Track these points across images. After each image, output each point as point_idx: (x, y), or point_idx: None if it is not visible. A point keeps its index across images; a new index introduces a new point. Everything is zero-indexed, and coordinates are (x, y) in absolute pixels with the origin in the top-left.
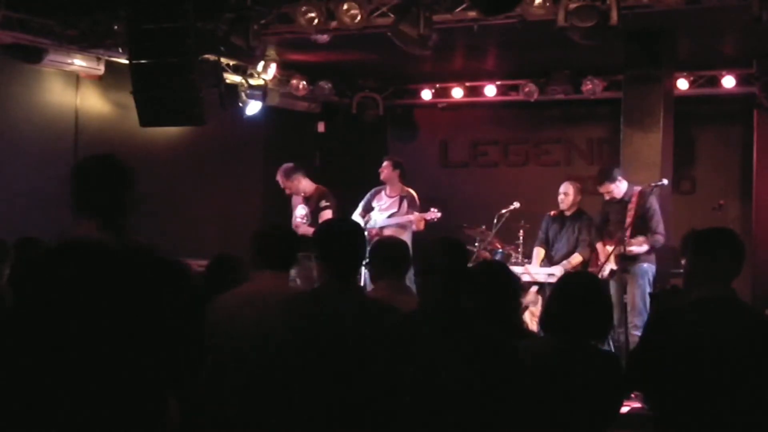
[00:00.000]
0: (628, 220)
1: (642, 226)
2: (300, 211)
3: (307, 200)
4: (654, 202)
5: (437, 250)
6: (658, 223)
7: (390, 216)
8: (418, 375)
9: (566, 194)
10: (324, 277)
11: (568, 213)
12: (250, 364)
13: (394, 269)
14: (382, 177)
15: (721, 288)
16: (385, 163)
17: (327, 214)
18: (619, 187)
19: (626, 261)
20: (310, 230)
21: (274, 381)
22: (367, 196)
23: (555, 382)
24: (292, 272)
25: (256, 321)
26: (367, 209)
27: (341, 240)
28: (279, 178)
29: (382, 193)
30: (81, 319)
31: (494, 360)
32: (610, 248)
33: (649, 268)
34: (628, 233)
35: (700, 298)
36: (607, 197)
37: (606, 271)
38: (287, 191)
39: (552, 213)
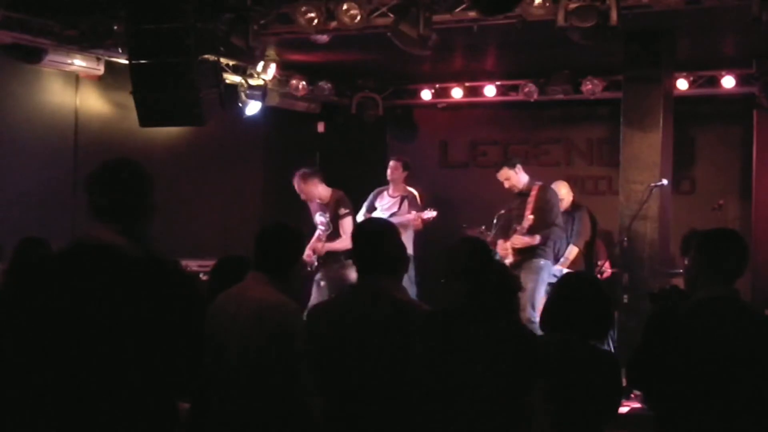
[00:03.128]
0: (527, 213)
1: (540, 221)
2: (319, 219)
3: (324, 207)
4: (553, 198)
5: (465, 252)
6: (557, 216)
7: (391, 216)
8: (444, 374)
9: (561, 200)
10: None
11: (564, 210)
12: (226, 363)
13: (391, 267)
14: (390, 177)
15: (725, 288)
16: (394, 164)
17: (348, 222)
18: (518, 177)
19: (522, 255)
20: (334, 246)
21: (253, 381)
22: (370, 196)
23: (554, 381)
24: (319, 275)
25: (231, 321)
26: (371, 210)
27: (371, 241)
28: (296, 182)
29: (385, 193)
30: (88, 320)
31: (522, 356)
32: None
33: (545, 264)
34: (526, 225)
35: (702, 298)
36: (506, 185)
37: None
38: (302, 196)
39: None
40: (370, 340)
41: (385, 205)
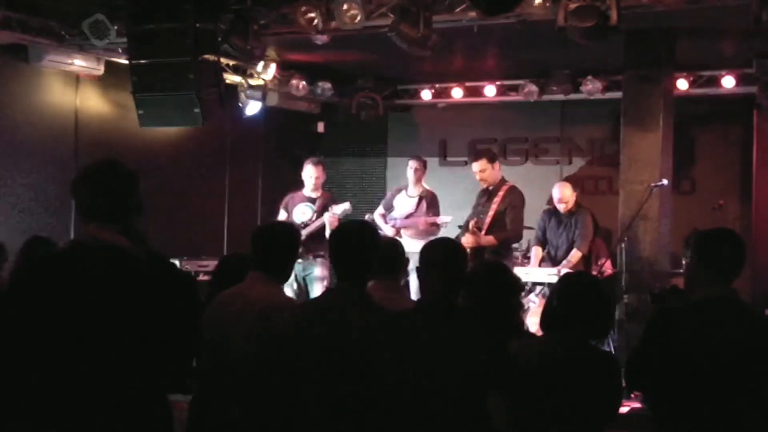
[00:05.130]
0: (490, 213)
1: (501, 221)
2: (302, 209)
3: (311, 200)
4: (519, 200)
5: (436, 250)
6: (514, 221)
7: (407, 216)
8: (410, 371)
9: (567, 203)
10: (334, 280)
11: (565, 211)
12: (228, 362)
13: (386, 269)
14: (414, 178)
15: (723, 288)
16: (417, 164)
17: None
18: (493, 173)
19: (478, 255)
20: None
21: (254, 380)
22: (388, 195)
23: (554, 381)
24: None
25: (234, 320)
26: (388, 208)
27: (351, 242)
28: (316, 168)
29: (403, 192)
30: (87, 317)
31: (483, 357)
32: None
33: None
34: (485, 225)
35: (701, 299)
36: (478, 176)
37: None
38: (313, 181)
39: (548, 208)
40: (338, 344)
41: (403, 206)
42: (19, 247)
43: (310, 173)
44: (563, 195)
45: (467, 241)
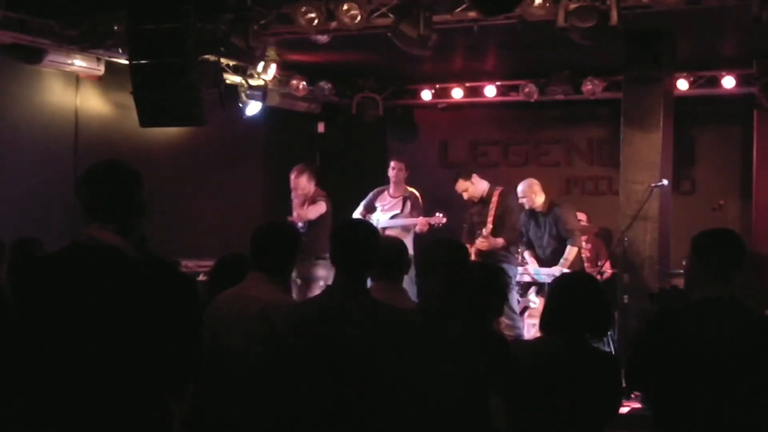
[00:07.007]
0: (489, 219)
1: (501, 225)
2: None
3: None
4: (514, 203)
5: (439, 250)
6: (518, 221)
7: (393, 217)
8: (411, 371)
9: (525, 198)
10: (336, 279)
11: (539, 209)
12: (227, 362)
13: (388, 270)
14: (395, 178)
15: (722, 288)
16: (399, 165)
17: (318, 207)
18: (476, 187)
19: (483, 260)
20: (309, 214)
21: (255, 381)
22: (370, 195)
23: (554, 381)
24: (294, 273)
25: (234, 321)
26: (369, 209)
27: (352, 240)
28: (305, 180)
29: (386, 193)
30: (86, 320)
31: (484, 358)
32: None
33: (507, 268)
34: (486, 231)
35: (701, 299)
36: (465, 196)
37: None
38: (297, 191)
39: (527, 209)
40: (339, 342)
41: (386, 206)
42: (9, 248)
43: (292, 185)
44: (522, 191)
45: (482, 244)
